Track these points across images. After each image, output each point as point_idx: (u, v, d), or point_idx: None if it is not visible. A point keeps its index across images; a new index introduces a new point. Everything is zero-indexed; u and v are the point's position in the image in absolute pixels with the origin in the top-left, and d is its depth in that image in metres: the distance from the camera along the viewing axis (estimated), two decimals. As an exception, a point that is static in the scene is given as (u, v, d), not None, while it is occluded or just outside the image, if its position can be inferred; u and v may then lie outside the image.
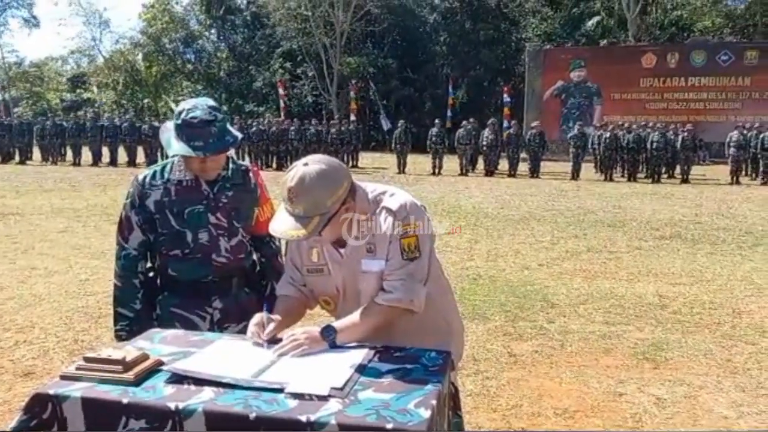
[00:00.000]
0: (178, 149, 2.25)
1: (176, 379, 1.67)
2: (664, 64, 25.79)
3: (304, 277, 2.12)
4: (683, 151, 18.12)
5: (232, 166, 2.47)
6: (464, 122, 20.52)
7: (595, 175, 19.17)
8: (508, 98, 28.01)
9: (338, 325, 1.93)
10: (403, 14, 35.32)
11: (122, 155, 21.97)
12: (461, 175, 18.93)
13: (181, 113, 2.25)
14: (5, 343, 4.50)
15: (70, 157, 22.63)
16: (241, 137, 2.46)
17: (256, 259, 2.59)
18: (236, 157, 2.59)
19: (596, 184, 17.28)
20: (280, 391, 1.60)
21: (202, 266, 2.38)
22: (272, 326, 1.94)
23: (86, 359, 1.72)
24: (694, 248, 8.14)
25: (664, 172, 18.63)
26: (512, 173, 18.98)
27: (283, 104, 31.95)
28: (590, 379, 3.93)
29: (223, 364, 1.75)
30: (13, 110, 38.71)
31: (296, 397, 1.57)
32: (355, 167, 20.22)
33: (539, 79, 27.47)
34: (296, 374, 1.69)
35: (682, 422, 3.36)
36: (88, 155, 22.06)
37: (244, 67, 38.52)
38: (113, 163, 21.67)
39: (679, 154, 18.30)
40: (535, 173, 18.85)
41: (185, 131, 2.24)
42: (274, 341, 1.90)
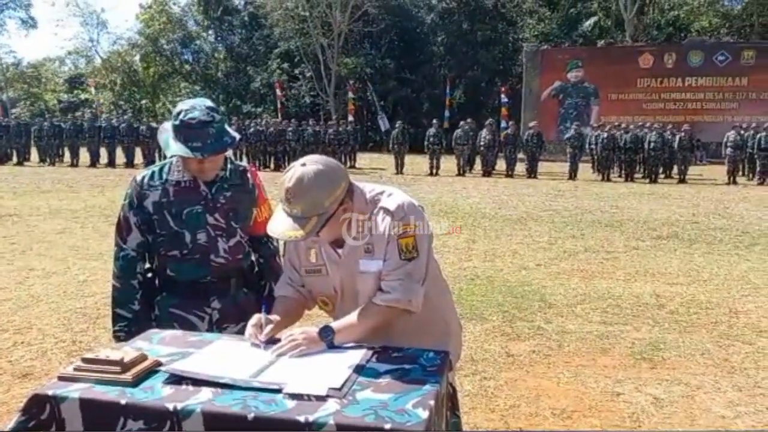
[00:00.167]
0: (176, 150, 2.25)
1: (174, 379, 1.67)
2: (661, 64, 25.84)
3: (302, 277, 2.12)
4: (680, 151, 18.14)
5: (230, 166, 2.47)
6: (462, 122, 20.53)
7: (592, 175, 19.19)
8: (505, 98, 28.01)
9: (336, 325, 1.93)
10: (400, 15, 35.35)
11: (120, 156, 21.95)
12: (459, 175, 18.94)
13: (179, 114, 2.25)
14: (3, 344, 4.49)
15: (67, 158, 22.60)
16: (239, 138, 2.46)
17: (254, 259, 2.59)
18: (234, 157, 2.58)
19: (593, 184, 17.29)
20: (278, 391, 1.60)
21: (200, 267, 2.38)
22: (270, 327, 1.94)
23: (84, 360, 1.72)
24: (691, 248, 8.15)
25: (661, 172, 18.66)
26: (510, 173, 18.99)
27: (280, 105, 31.95)
28: (588, 379, 3.93)
29: (221, 364, 1.75)
30: (10, 111, 38.60)
31: (294, 397, 1.57)
32: (352, 168, 20.21)
33: (537, 79, 27.50)
34: (294, 375, 1.69)
35: (679, 422, 3.37)
36: (85, 156, 22.03)
37: (241, 67, 38.53)
38: (111, 164, 21.65)
39: (676, 154, 18.32)
40: (532, 173, 18.85)
41: (183, 132, 2.23)
42: (272, 342, 1.91)
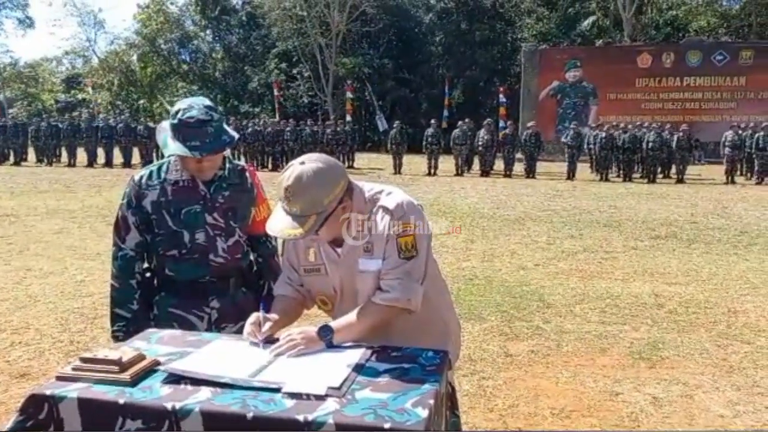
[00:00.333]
0: (174, 149, 2.24)
1: (173, 379, 1.67)
2: (659, 64, 25.85)
3: (301, 276, 2.12)
4: (679, 151, 18.15)
5: (228, 165, 2.46)
6: (460, 122, 20.52)
7: (590, 175, 19.18)
8: (503, 98, 27.96)
9: (335, 324, 1.93)
10: (398, 15, 35.33)
11: (117, 156, 21.90)
12: (457, 175, 18.93)
13: (177, 113, 2.24)
14: (1, 344, 4.48)
15: (65, 158, 22.54)
16: (237, 137, 2.45)
17: (253, 259, 2.58)
18: (232, 157, 2.58)
19: (592, 184, 17.30)
20: (277, 390, 1.59)
21: (199, 266, 2.38)
22: (269, 325, 1.93)
23: (82, 360, 1.71)
24: (689, 248, 8.16)
25: (659, 172, 18.66)
26: (508, 173, 18.98)
27: (278, 105, 31.93)
28: (586, 378, 3.93)
29: (220, 364, 1.74)
30: (7, 111, 38.54)
31: (293, 396, 1.57)
32: (350, 168, 20.19)
33: (535, 79, 27.49)
34: (293, 374, 1.69)
35: (678, 421, 3.37)
36: (83, 156, 22.00)
37: (239, 67, 38.51)
38: (108, 164, 21.61)
39: (674, 154, 18.32)
40: (530, 173, 18.85)
41: (182, 131, 2.23)
42: (271, 341, 1.90)
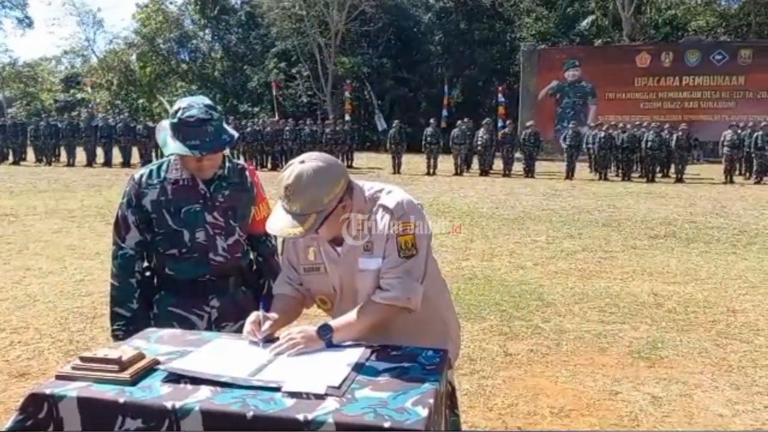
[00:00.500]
0: (174, 148, 2.24)
1: (173, 378, 1.66)
2: (658, 63, 25.85)
3: (300, 276, 2.12)
4: (678, 150, 18.15)
5: (228, 165, 2.46)
6: (459, 122, 20.51)
7: (589, 174, 19.18)
8: (502, 98, 27.94)
9: (335, 323, 1.93)
10: (397, 14, 35.31)
11: (117, 156, 21.89)
12: (456, 174, 18.92)
13: (177, 112, 2.24)
14: (0, 343, 4.48)
15: (64, 157, 22.51)
16: (237, 136, 2.45)
17: (252, 258, 2.59)
18: (231, 157, 2.58)
19: (591, 183, 17.30)
20: (277, 389, 1.60)
21: (199, 265, 2.38)
22: (268, 324, 1.93)
23: (82, 359, 1.71)
24: (688, 247, 8.16)
25: (658, 171, 18.66)
26: (507, 173, 18.98)
27: (277, 104, 31.91)
28: (586, 378, 3.93)
29: (219, 363, 1.74)
30: (6, 111, 38.52)
31: (293, 395, 1.57)
32: (349, 167, 20.15)
33: (534, 78, 27.48)
34: (293, 373, 1.69)
35: (677, 421, 3.37)
36: (82, 156, 21.97)
37: (238, 67, 38.48)
38: (108, 163, 21.59)
39: (673, 153, 18.32)
40: (529, 173, 18.85)
41: (182, 130, 2.23)
42: (270, 340, 1.90)
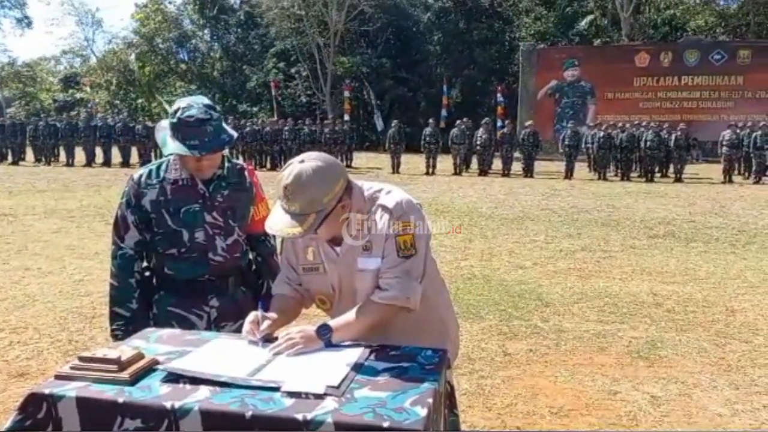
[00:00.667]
0: (173, 148, 2.25)
1: (172, 378, 1.66)
2: (657, 63, 25.85)
3: (299, 275, 2.12)
4: (676, 150, 18.16)
5: (227, 165, 2.47)
6: (458, 122, 20.51)
7: (588, 174, 19.19)
8: (501, 98, 27.98)
9: (334, 323, 1.93)
10: (396, 14, 35.29)
11: (116, 156, 21.88)
12: (455, 174, 18.92)
13: (176, 112, 2.24)
14: (-1, 343, 4.49)
15: (63, 157, 22.49)
16: (236, 136, 2.45)
17: (252, 258, 2.59)
18: (230, 156, 2.58)
19: (590, 183, 17.30)
20: (276, 389, 1.59)
21: (198, 265, 2.38)
22: (267, 324, 1.93)
23: (81, 359, 1.71)
24: (687, 247, 8.17)
25: (657, 171, 18.67)
26: (506, 173, 18.98)
27: (276, 104, 31.90)
28: (585, 377, 3.94)
29: (219, 363, 1.74)
30: (5, 111, 38.50)
31: (292, 395, 1.57)
32: (349, 167, 20.15)
33: (533, 78, 27.47)
34: (292, 373, 1.69)
35: (676, 420, 3.38)
36: (81, 156, 21.95)
37: (237, 67, 38.46)
38: (107, 163, 21.57)
39: (672, 153, 18.33)
40: (528, 173, 18.85)
41: (181, 130, 2.23)
42: (269, 340, 1.90)
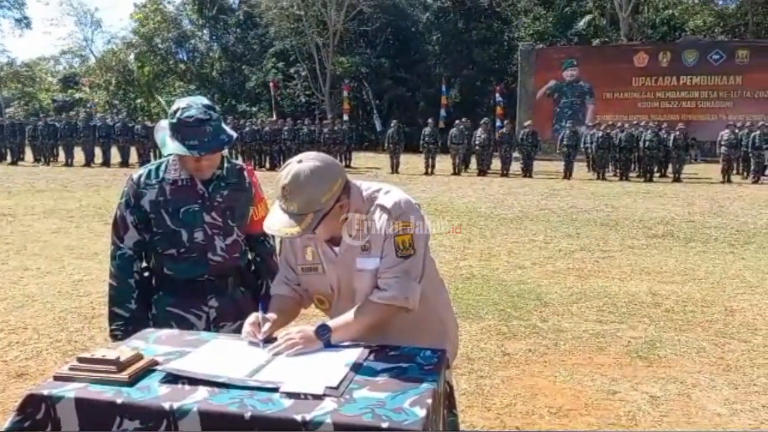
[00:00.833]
0: (173, 148, 2.24)
1: (171, 378, 1.66)
2: (656, 63, 25.86)
3: (298, 276, 2.12)
4: (675, 149, 18.17)
5: (226, 165, 2.47)
6: (457, 122, 20.52)
7: (587, 174, 19.20)
8: (500, 98, 27.99)
9: (333, 324, 1.93)
10: (395, 14, 35.30)
11: (115, 156, 21.87)
12: (454, 174, 18.93)
13: (176, 112, 2.24)
14: (-2, 344, 4.48)
15: (62, 157, 22.48)
16: (235, 136, 2.45)
17: (251, 258, 2.59)
18: (229, 156, 2.58)
19: (589, 183, 17.31)
20: (275, 390, 1.59)
21: (197, 265, 2.38)
22: (268, 326, 1.93)
23: (80, 359, 1.71)
24: (686, 247, 8.17)
25: (656, 170, 18.69)
26: (505, 173, 18.99)
27: (275, 104, 31.89)
28: (584, 377, 3.94)
29: (217, 363, 1.74)
30: (4, 111, 38.49)
31: (291, 396, 1.57)
32: (348, 167, 20.15)
33: (532, 78, 27.48)
34: (291, 373, 1.69)
35: (675, 420, 3.38)
36: (80, 156, 21.94)
37: (236, 66, 38.45)
38: (106, 163, 21.56)
39: (671, 152, 18.34)
40: (527, 173, 18.86)
41: (180, 130, 2.23)
42: (268, 340, 1.90)
